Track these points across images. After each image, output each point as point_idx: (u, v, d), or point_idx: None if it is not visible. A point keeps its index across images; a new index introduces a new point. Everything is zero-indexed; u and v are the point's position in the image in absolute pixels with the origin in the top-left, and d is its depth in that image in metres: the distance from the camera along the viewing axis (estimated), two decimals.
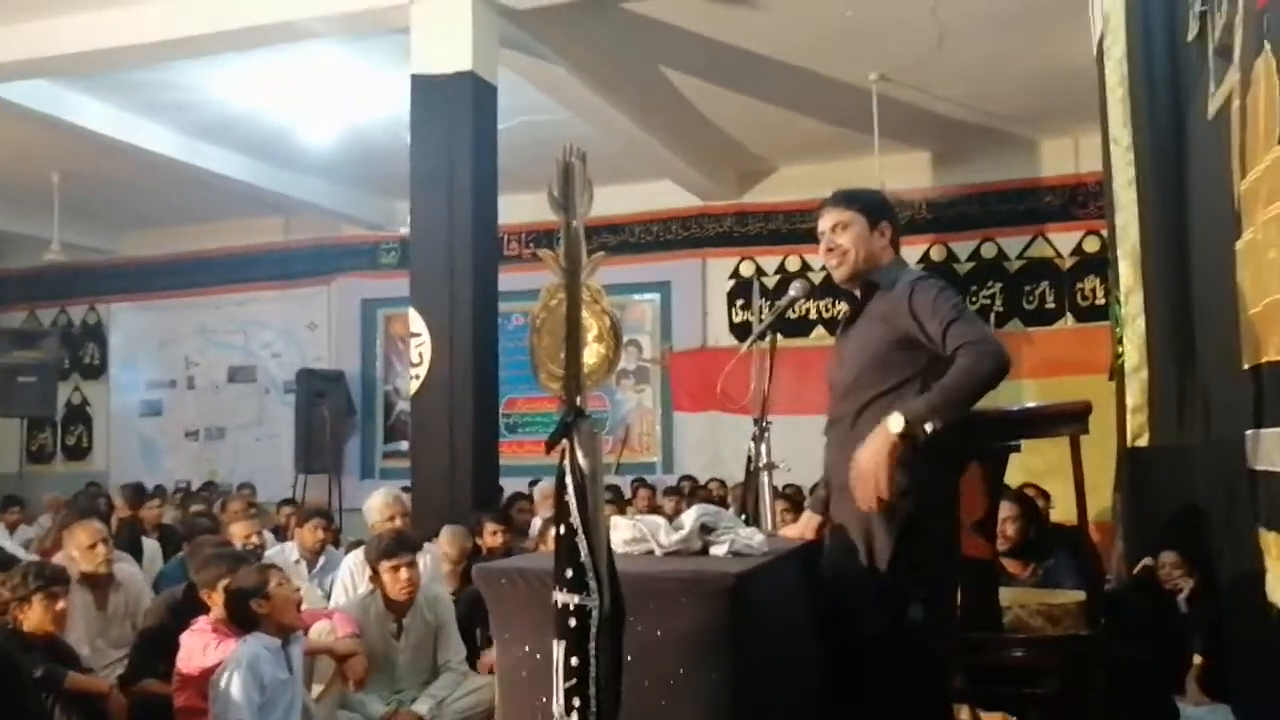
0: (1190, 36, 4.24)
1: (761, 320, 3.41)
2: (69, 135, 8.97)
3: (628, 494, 8.77)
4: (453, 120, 6.58)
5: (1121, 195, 5.20)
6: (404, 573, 4.69)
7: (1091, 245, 9.76)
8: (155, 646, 4.59)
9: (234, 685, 3.63)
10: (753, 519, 3.51)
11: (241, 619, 3.86)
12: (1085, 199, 9.80)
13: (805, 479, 6.73)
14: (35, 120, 8.62)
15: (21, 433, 12.02)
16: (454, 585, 5.50)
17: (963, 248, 10.37)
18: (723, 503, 7.73)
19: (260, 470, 12.03)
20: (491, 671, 4.77)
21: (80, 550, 4.95)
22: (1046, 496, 6.16)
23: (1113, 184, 5.32)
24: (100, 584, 5.02)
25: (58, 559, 4.92)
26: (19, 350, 11.47)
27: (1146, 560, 4.62)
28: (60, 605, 4.02)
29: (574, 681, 1.89)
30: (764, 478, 3.54)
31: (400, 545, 4.79)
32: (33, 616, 3.94)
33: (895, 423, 2.71)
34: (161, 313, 13.28)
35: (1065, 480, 3.46)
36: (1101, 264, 8.76)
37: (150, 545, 7.16)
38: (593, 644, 1.90)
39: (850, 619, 2.87)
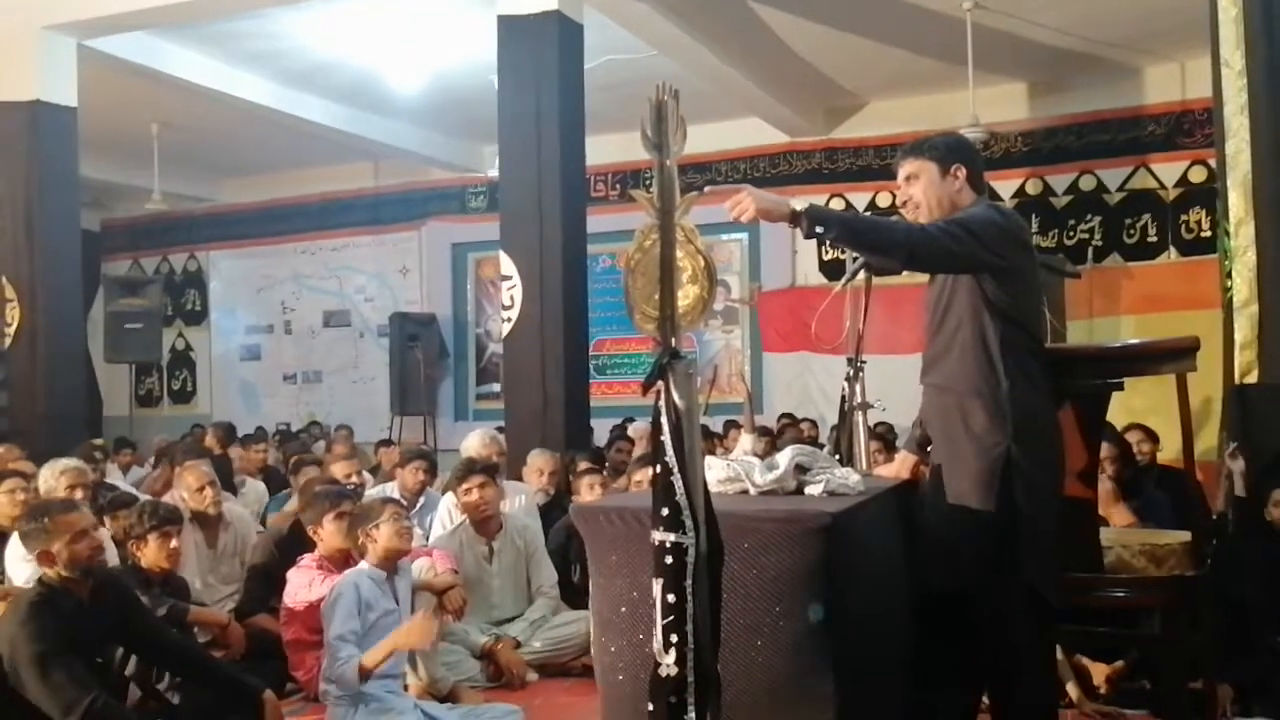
0: None
1: (854, 259, 3.37)
2: (167, 86, 9.18)
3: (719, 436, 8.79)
4: (539, 60, 6.57)
5: (1233, 122, 4.99)
6: (475, 493, 4.94)
7: (1198, 175, 9.39)
8: (264, 581, 4.77)
9: (336, 607, 3.75)
10: (847, 459, 3.49)
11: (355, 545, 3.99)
12: (1191, 127, 9.42)
13: (897, 418, 6.66)
14: (134, 72, 8.83)
15: (130, 378, 12.45)
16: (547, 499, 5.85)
17: (1060, 181, 10.06)
18: (814, 443, 7.69)
19: (357, 412, 12.32)
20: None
21: (189, 492, 5.15)
22: (1155, 439, 5.97)
23: (1223, 110, 5.10)
24: (210, 523, 5.22)
25: (168, 499, 5.12)
26: (125, 298, 11.85)
27: None
28: (174, 543, 4.19)
29: (671, 618, 1.90)
30: (858, 417, 3.51)
31: (468, 469, 5.06)
32: (149, 553, 4.13)
33: (799, 203, 2.71)
34: (258, 259, 13.59)
35: (1165, 418, 3.37)
36: (1208, 195, 8.43)
37: (256, 486, 7.39)
38: (689, 581, 1.91)
39: (952, 560, 2.85)
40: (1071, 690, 3.92)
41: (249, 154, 12.15)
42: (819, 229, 2.69)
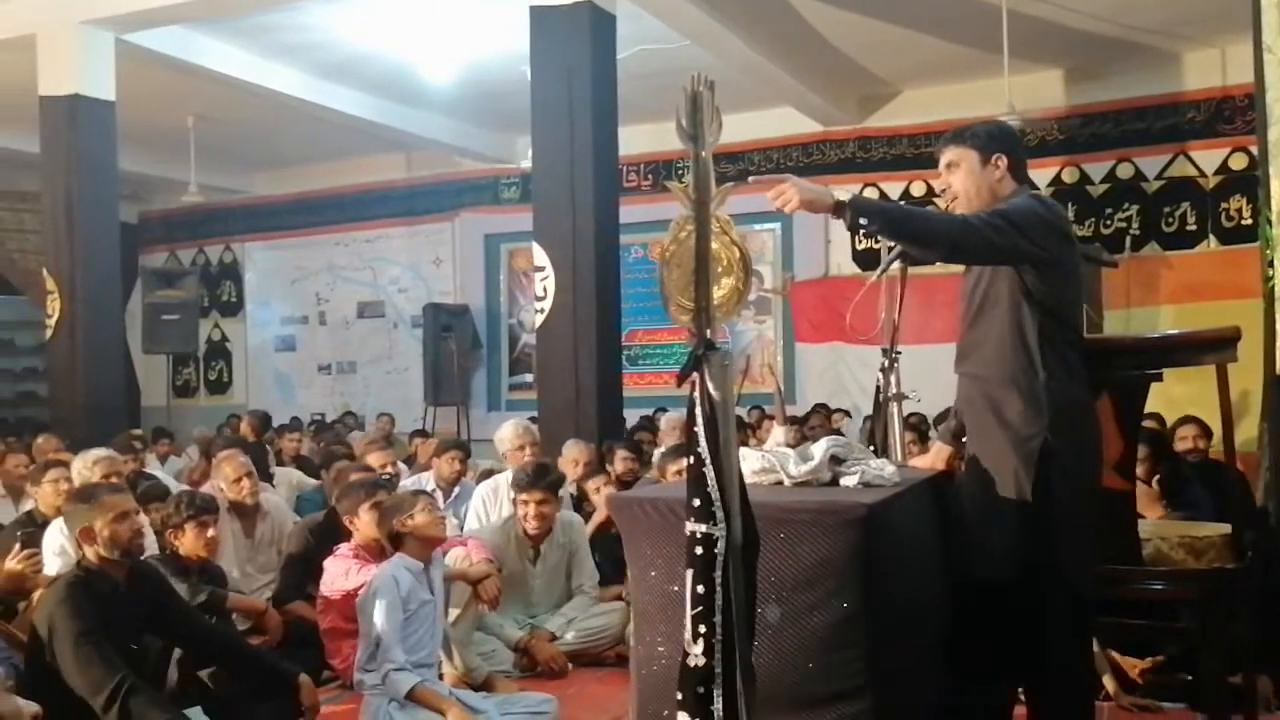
0: None
1: (890, 249, 3.35)
2: (203, 80, 9.26)
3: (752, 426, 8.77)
4: (572, 51, 6.56)
5: (1274, 108, 4.88)
6: (534, 509, 4.82)
7: (1239, 162, 9.26)
8: (300, 569, 4.82)
9: (378, 603, 3.78)
10: (882, 450, 3.47)
11: (389, 536, 3.99)
12: (1232, 113, 9.29)
13: (930, 409, 6.62)
14: (171, 66, 8.91)
15: (168, 368, 12.59)
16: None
17: (1097, 169, 9.95)
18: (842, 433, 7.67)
19: (391, 403, 12.40)
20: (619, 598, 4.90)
21: (227, 483, 5.21)
22: (1209, 434, 5.87)
23: (1265, 96, 5.01)
24: (247, 513, 5.28)
25: (206, 489, 5.18)
26: (162, 289, 11.98)
27: None
28: (211, 532, 4.25)
29: (699, 609, 1.89)
30: (893, 408, 3.49)
31: (535, 480, 4.86)
32: (186, 542, 4.19)
33: (842, 194, 2.71)
34: (293, 250, 13.70)
35: (1204, 409, 3.32)
36: (1249, 182, 8.31)
37: (289, 474, 7.46)
38: (718, 573, 1.89)
39: (987, 552, 2.84)
40: (1108, 683, 3.89)
41: (283, 146, 12.25)
42: (862, 221, 2.68)
